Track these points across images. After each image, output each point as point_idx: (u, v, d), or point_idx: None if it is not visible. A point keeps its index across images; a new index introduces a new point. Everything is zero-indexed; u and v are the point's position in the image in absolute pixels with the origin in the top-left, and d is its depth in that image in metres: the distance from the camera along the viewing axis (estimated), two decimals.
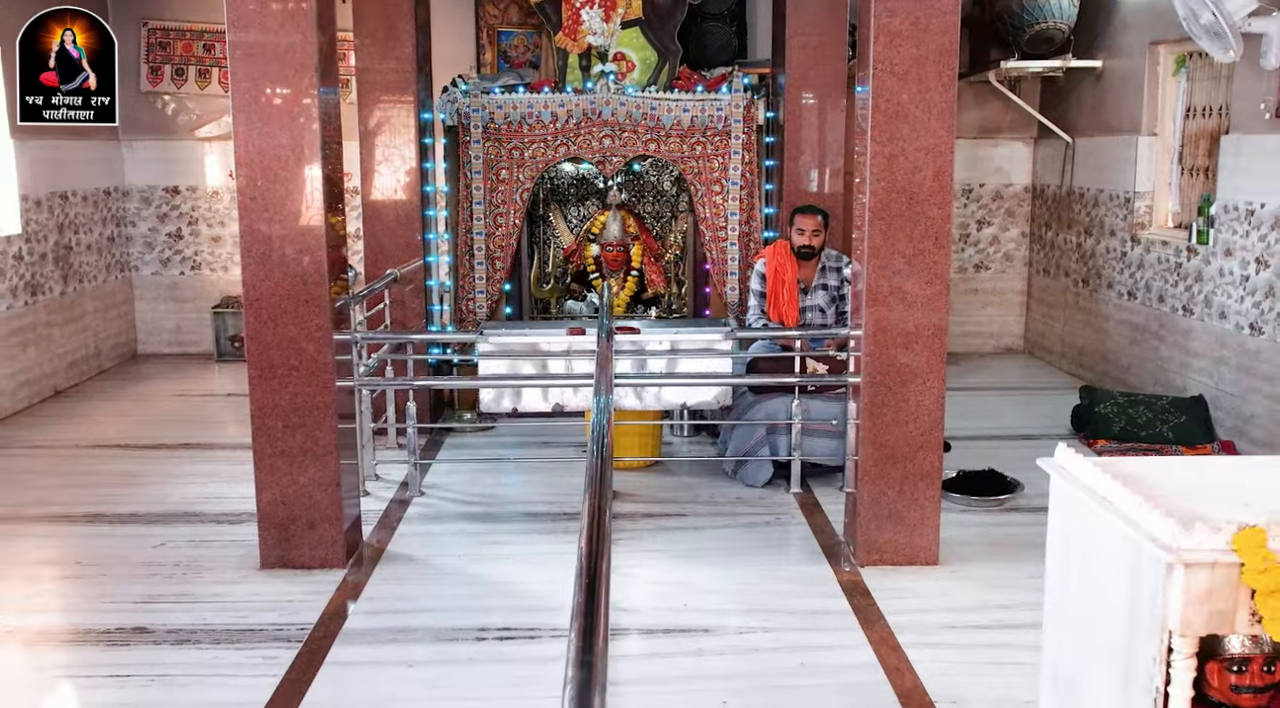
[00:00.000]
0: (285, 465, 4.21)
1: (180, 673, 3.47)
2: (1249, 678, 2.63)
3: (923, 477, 4.25)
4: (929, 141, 4.03)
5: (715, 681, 3.42)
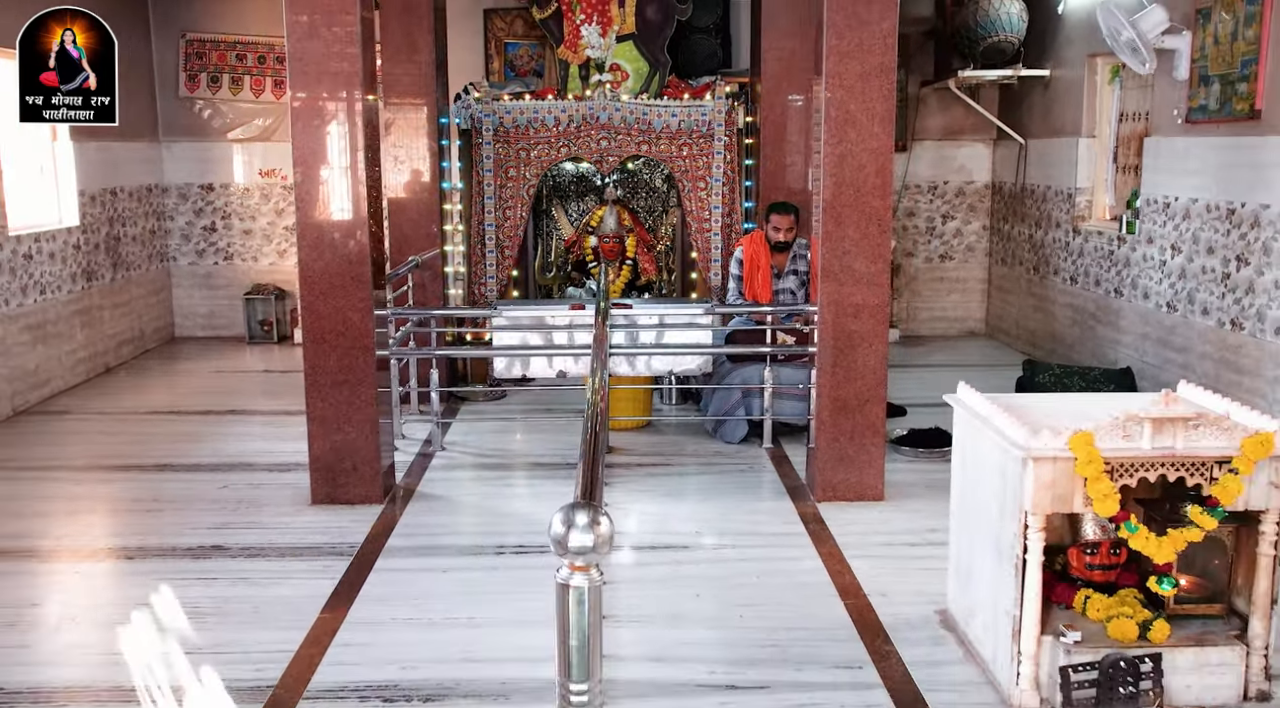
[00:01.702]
0: (333, 417, 5.00)
1: (256, 576, 4.26)
2: (1099, 558, 3.46)
3: (869, 426, 5.04)
4: (873, 144, 4.83)
5: (691, 581, 4.22)
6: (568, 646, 1.63)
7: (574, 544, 1.59)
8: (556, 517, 1.65)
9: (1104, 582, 3.45)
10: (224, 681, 3.40)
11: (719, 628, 3.81)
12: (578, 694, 1.63)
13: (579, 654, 1.63)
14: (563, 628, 1.64)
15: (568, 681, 1.64)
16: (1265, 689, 3.26)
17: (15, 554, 4.53)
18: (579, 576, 1.62)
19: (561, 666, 1.65)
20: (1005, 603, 3.28)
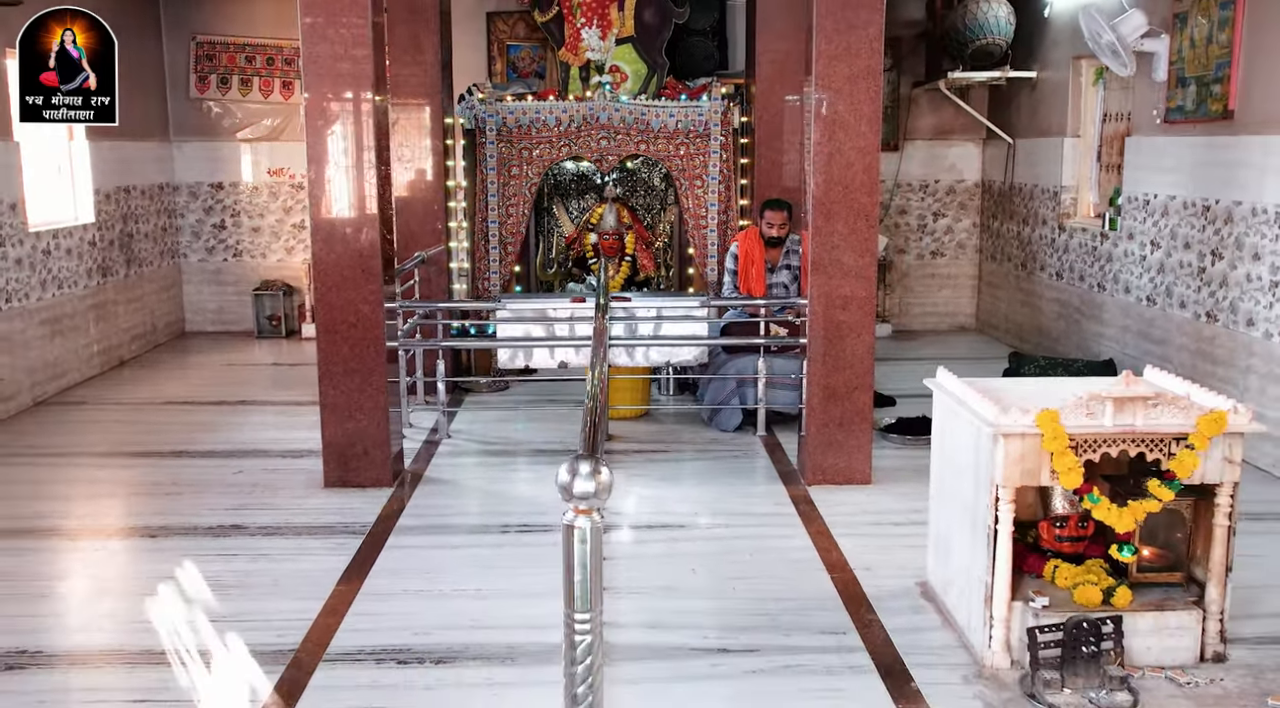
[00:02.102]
0: (345, 404, 5.23)
1: (274, 553, 4.50)
2: (1068, 531, 3.69)
3: (858, 412, 5.27)
4: (860, 143, 5.06)
5: (686, 558, 4.45)
6: (573, 579, 1.86)
7: (578, 490, 1.83)
8: (563, 467, 1.88)
9: (1072, 553, 3.68)
10: (248, 645, 3.63)
11: (712, 599, 4.04)
12: (582, 622, 1.87)
13: (582, 587, 1.86)
14: (568, 564, 1.87)
15: (573, 611, 1.87)
16: (1220, 652, 3.49)
17: (43, 533, 4.77)
18: (582, 518, 1.85)
19: (567, 598, 1.89)
20: (979, 571, 3.51)
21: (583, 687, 1.88)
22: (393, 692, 3.35)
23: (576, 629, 1.87)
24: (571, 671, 1.92)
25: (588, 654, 1.89)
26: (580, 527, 1.84)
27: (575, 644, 1.89)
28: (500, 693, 3.35)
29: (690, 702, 3.29)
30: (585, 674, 1.89)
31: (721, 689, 3.38)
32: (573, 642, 1.88)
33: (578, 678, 1.90)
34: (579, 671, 1.89)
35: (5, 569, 4.36)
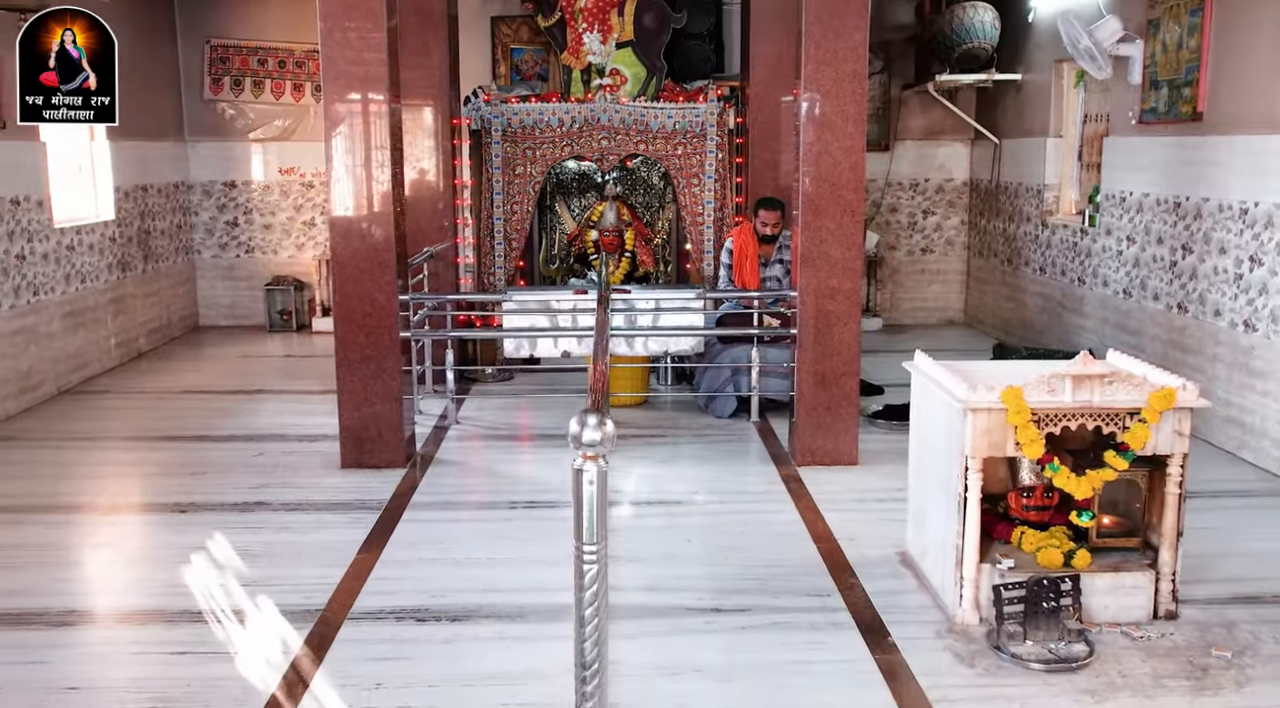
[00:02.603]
0: (361, 389, 5.54)
1: (297, 526, 4.81)
2: (1034, 500, 4.01)
3: (845, 397, 5.59)
4: (846, 143, 5.37)
5: (683, 530, 4.76)
6: (582, 516, 2.17)
7: (587, 438, 2.14)
8: (573, 420, 2.19)
9: (1038, 521, 3.99)
10: (278, 606, 3.94)
11: (707, 565, 4.36)
12: (590, 553, 2.18)
13: (589, 522, 2.17)
14: (578, 503, 2.18)
15: (582, 543, 2.18)
16: (1172, 609, 3.80)
17: (79, 509, 5.08)
18: (590, 463, 2.16)
19: (577, 532, 2.19)
20: (951, 537, 3.82)
21: (589, 609, 2.19)
22: (413, 645, 3.66)
23: (585, 559, 2.18)
24: (580, 596, 2.23)
25: (594, 583, 2.20)
26: (588, 471, 2.15)
27: (584, 573, 2.20)
28: (512, 646, 3.66)
29: (686, 654, 3.60)
30: (592, 600, 2.20)
31: (715, 643, 3.69)
32: (581, 570, 2.20)
33: (585, 603, 2.21)
34: (586, 596, 2.20)
35: (46, 540, 4.67)
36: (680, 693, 3.35)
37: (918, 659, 3.54)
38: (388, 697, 3.31)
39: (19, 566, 4.38)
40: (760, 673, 3.47)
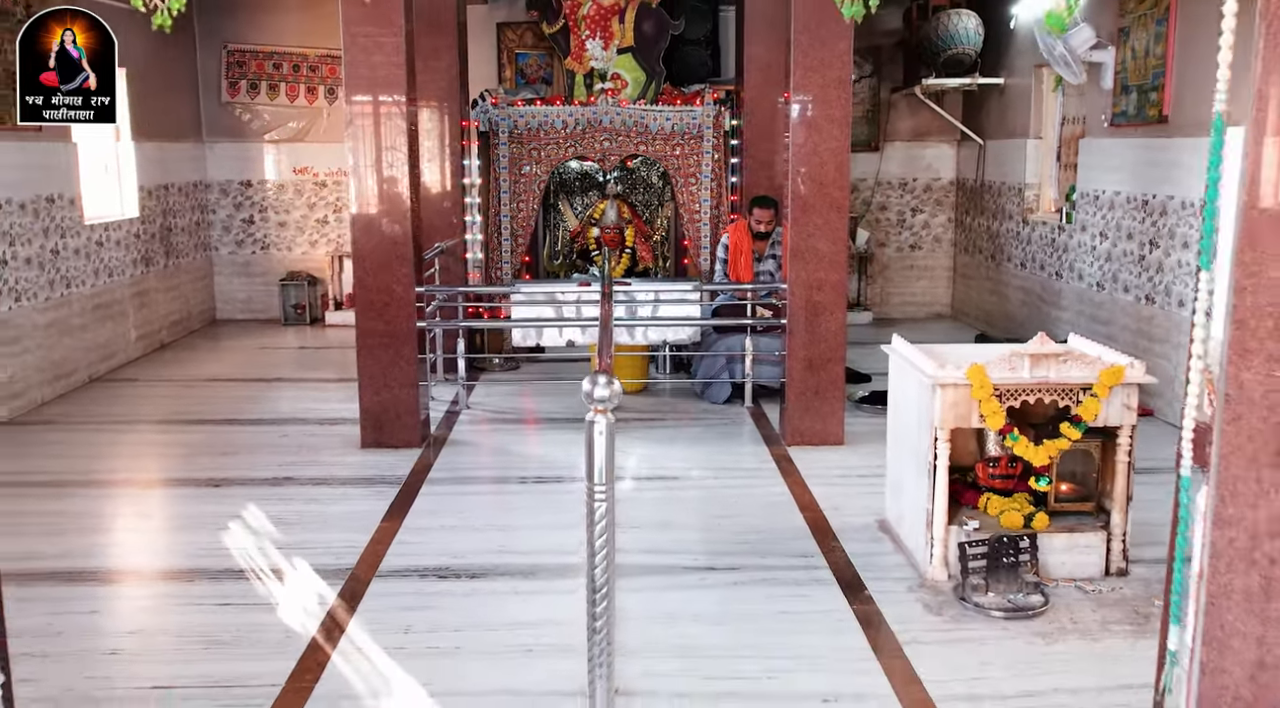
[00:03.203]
0: (380, 374, 5.94)
1: (323, 498, 5.21)
2: (999, 470, 4.40)
3: (831, 382, 5.98)
4: (832, 144, 5.77)
5: (681, 501, 5.17)
6: (593, 460, 2.56)
7: (598, 395, 2.53)
8: (585, 381, 2.59)
9: (1003, 488, 4.39)
10: (311, 565, 4.34)
11: (701, 531, 4.76)
12: (600, 491, 2.57)
13: (599, 465, 2.56)
14: (590, 449, 2.57)
15: (593, 483, 2.58)
16: (1123, 567, 4.20)
17: (117, 483, 5.48)
18: (600, 416, 2.55)
19: (589, 474, 2.59)
20: (923, 501, 4.22)
21: (600, 541, 2.58)
22: (436, 597, 4.06)
23: (596, 497, 2.57)
24: (591, 533, 2.62)
25: (603, 517, 2.59)
26: (598, 422, 2.55)
27: (594, 510, 2.59)
28: (526, 599, 4.06)
29: (683, 605, 4.00)
30: (602, 533, 2.60)
31: (708, 596, 4.09)
32: (592, 507, 2.59)
33: (595, 536, 2.60)
34: (596, 530, 2.60)
35: (89, 510, 5.07)
36: (678, 636, 3.75)
37: (891, 609, 3.94)
38: (417, 639, 3.71)
39: (66, 531, 4.78)
40: (749, 620, 3.87)
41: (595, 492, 2.57)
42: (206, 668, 3.52)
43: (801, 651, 3.64)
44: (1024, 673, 3.48)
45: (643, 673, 3.44)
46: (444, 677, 3.44)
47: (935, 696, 3.32)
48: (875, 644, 3.68)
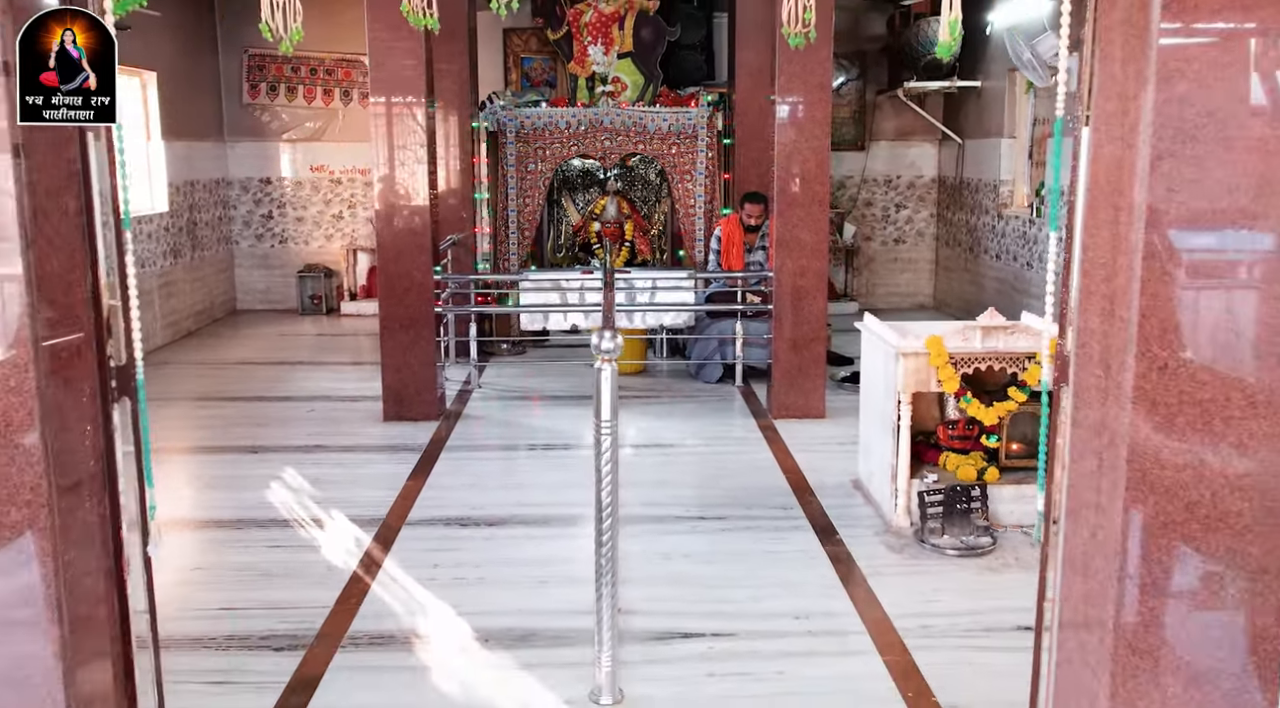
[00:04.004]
0: (401, 353, 6.49)
1: (351, 463, 5.76)
2: (958, 431, 4.95)
3: (814, 360, 6.54)
4: (814, 143, 6.33)
5: (676, 465, 5.72)
6: (600, 398, 3.11)
7: (604, 347, 3.09)
8: (594, 334, 3.14)
9: (960, 448, 4.95)
10: (347, 516, 4.89)
11: (694, 489, 5.32)
12: (606, 424, 3.12)
13: (606, 403, 3.11)
14: (597, 391, 3.12)
15: (600, 419, 3.13)
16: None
17: (166, 450, 6.02)
18: (605, 365, 3.10)
19: (597, 411, 3.13)
20: (889, 457, 4.78)
21: (606, 467, 3.13)
22: (459, 541, 4.62)
23: (603, 431, 3.13)
24: (598, 462, 3.17)
25: (609, 448, 3.14)
26: (604, 369, 3.10)
27: (601, 442, 3.15)
28: (539, 542, 4.62)
29: (677, 546, 4.56)
30: (608, 461, 3.15)
31: (699, 539, 4.64)
32: (599, 438, 3.14)
33: (603, 463, 3.15)
34: (603, 459, 3.15)
35: None
36: (673, 569, 4.30)
37: (858, 549, 4.50)
38: (444, 573, 4.26)
39: None
40: (734, 558, 4.43)
41: (602, 426, 3.12)
42: (265, 594, 4.08)
43: (778, 581, 4.19)
44: (970, 597, 4.03)
45: (642, 597, 4.00)
46: (470, 601, 3.99)
47: (892, 614, 3.88)
48: (843, 576, 4.24)
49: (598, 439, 3.16)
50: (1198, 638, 2.08)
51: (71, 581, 2.17)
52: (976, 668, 3.48)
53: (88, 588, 2.26)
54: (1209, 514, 2.04)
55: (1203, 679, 2.08)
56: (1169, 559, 2.07)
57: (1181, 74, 1.94)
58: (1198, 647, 2.08)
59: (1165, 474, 2.04)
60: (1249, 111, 1.93)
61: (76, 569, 2.19)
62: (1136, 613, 2.09)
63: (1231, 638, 2.07)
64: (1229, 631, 2.07)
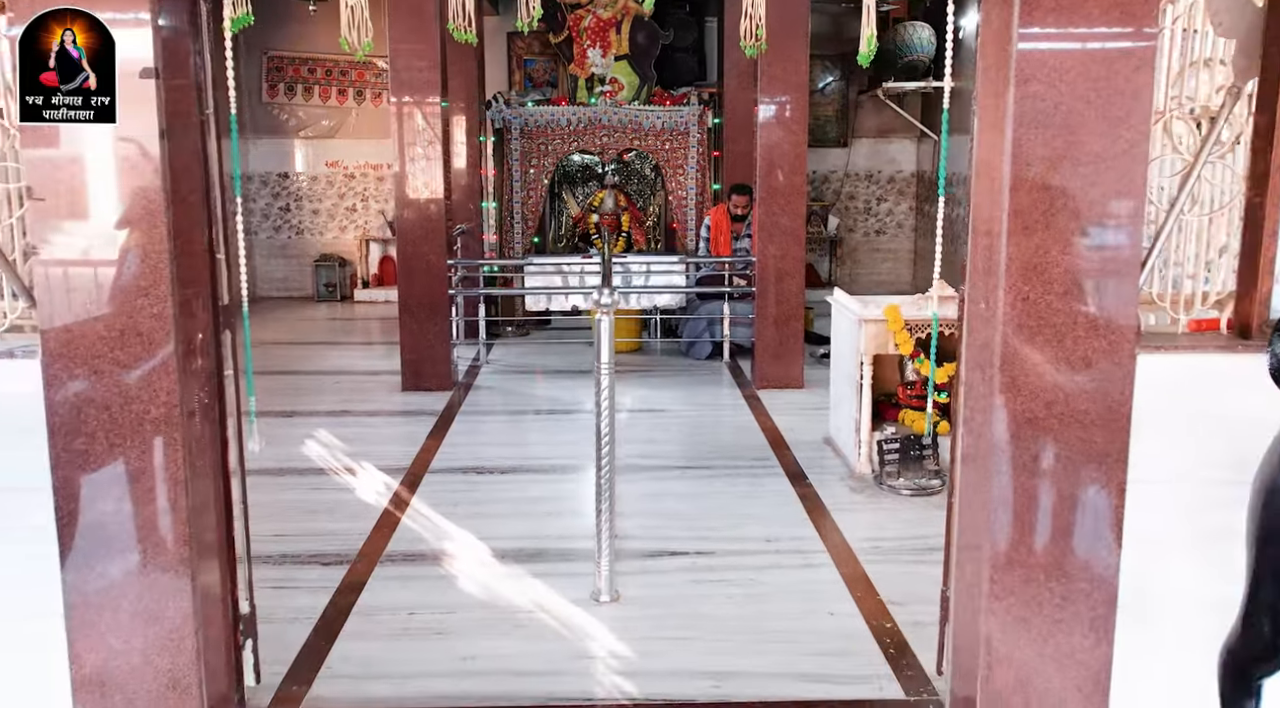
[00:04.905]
0: (419, 328, 7.14)
1: (377, 424, 6.42)
2: (915, 391, 5.60)
3: (793, 334, 7.20)
4: (793, 139, 6.99)
5: (666, 426, 6.38)
6: (599, 339, 3.76)
7: (604, 301, 3.75)
8: (595, 293, 3.79)
9: (918, 406, 5.61)
10: (376, 466, 5.54)
11: (682, 445, 5.98)
12: (604, 368, 3.77)
13: (605, 348, 3.76)
14: (597, 339, 3.77)
15: (599, 362, 3.78)
16: None
17: None
18: (605, 316, 3.76)
19: (597, 354, 3.79)
20: (854, 413, 5.44)
21: (604, 404, 3.79)
22: (476, 485, 5.27)
23: (603, 372, 3.78)
24: (598, 398, 3.83)
25: (608, 387, 3.80)
26: (604, 319, 3.76)
27: (601, 384, 3.80)
28: (545, 485, 5.28)
29: (666, 489, 5.21)
30: (607, 399, 3.81)
31: (686, 484, 5.30)
32: (599, 380, 3.80)
33: (601, 401, 3.81)
34: (603, 397, 3.80)
35: None
36: (663, 506, 4.96)
37: (825, 491, 5.15)
38: (464, 509, 4.92)
39: None
40: (716, 498, 5.09)
41: (602, 367, 3.78)
42: (309, 525, 4.73)
43: (754, 515, 4.85)
44: (917, 526, 4.69)
45: (636, 527, 4.65)
46: (487, 529, 4.64)
47: (849, 538, 4.53)
48: (810, 511, 4.89)
49: (598, 380, 3.82)
50: (1057, 504, 2.74)
51: (191, 457, 2.83)
52: (914, 576, 4.13)
53: (202, 490, 2.91)
54: (1063, 411, 2.70)
55: (1063, 533, 2.74)
56: (1034, 446, 2.73)
57: (1034, 77, 2.60)
58: (1058, 510, 2.73)
59: (1029, 380, 2.70)
60: (1085, 104, 2.59)
61: (196, 467, 2.84)
62: (1010, 487, 2.75)
63: (1084, 503, 2.73)
64: (1082, 498, 2.73)
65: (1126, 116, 2.60)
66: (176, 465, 2.75)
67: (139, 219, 2.67)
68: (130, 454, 2.72)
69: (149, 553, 2.76)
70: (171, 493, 2.75)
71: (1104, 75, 2.59)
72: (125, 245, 2.66)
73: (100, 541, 2.74)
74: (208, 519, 2.92)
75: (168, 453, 2.74)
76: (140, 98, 2.68)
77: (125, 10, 2.71)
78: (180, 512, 2.77)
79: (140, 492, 2.74)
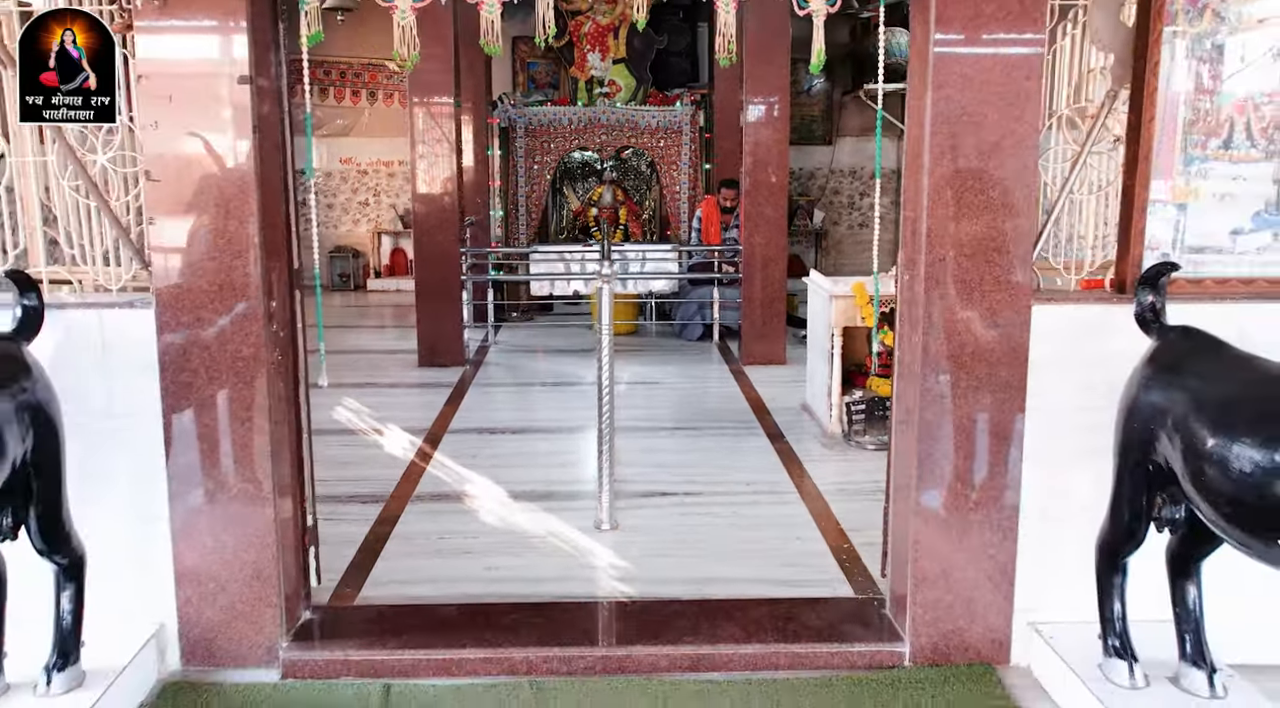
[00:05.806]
0: (433, 310, 7.81)
1: (398, 395, 7.09)
2: (883, 360, 6.27)
3: (775, 314, 7.88)
4: (776, 136, 7.66)
5: (659, 396, 7.07)
6: (602, 313, 4.43)
7: (605, 272, 4.42)
8: (596, 265, 4.46)
9: (884, 374, 6.28)
10: (400, 427, 6.21)
11: (673, 409, 6.67)
12: (604, 329, 4.45)
13: (605, 315, 4.43)
14: (600, 307, 4.44)
15: (599, 324, 4.45)
16: None
17: None
18: (605, 286, 4.43)
19: (599, 319, 4.46)
20: (826, 379, 6.11)
21: (604, 367, 4.46)
22: (491, 441, 5.95)
23: (604, 334, 4.46)
24: (599, 361, 4.50)
25: (608, 347, 4.47)
26: (604, 289, 4.43)
27: (602, 344, 4.47)
28: (552, 442, 5.95)
29: (659, 445, 5.89)
30: (607, 363, 4.48)
31: (677, 441, 5.98)
32: (600, 340, 4.47)
33: (602, 363, 4.47)
34: (603, 359, 4.47)
35: None
36: (656, 458, 5.64)
37: (799, 447, 5.83)
38: (482, 461, 5.59)
39: None
40: (703, 452, 5.76)
41: (603, 330, 4.45)
42: (345, 472, 5.40)
43: (736, 465, 5.53)
44: (877, 474, 5.30)
45: (632, 473, 5.32)
46: (503, 475, 5.31)
47: (818, 482, 5.21)
48: (786, 462, 5.57)
49: (599, 341, 4.49)
50: (969, 426, 3.41)
51: (272, 387, 3.50)
52: (871, 511, 4.75)
53: (280, 415, 3.58)
54: (973, 350, 3.38)
55: (974, 451, 3.41)
56: (951, 378, 3.40)
57: (947, 81, 3.28)
58: (970, 431, 3.41)
59: (946, 326, 3.37)
60: (988, 105, 3.26)
61: (276, 395, 3.51)
62: (933, 412, 3.42)
63: (991, 426, 3.40)
64: (990, 421, 3.40)
65: (1021, 114, 3.28)
66: (262, 395, 3.42)
67: (234, 197, 3.34)
68: (225, 386, 3.39)
69: (239, 467, 3.43)
70: (258, 418, 3.42)
71: (1003, 81, 3.26)
72: (223, 219, 3.33)
73: (199, 457, 3.41)
74: (284, 440, 3.59)
75: (255, 384, 3.41)
76: (238, 101, 3.33)
77: (228, 33, 3.33)
78: (264, 433, 3.44)
79: (232, 416, 3.41)
